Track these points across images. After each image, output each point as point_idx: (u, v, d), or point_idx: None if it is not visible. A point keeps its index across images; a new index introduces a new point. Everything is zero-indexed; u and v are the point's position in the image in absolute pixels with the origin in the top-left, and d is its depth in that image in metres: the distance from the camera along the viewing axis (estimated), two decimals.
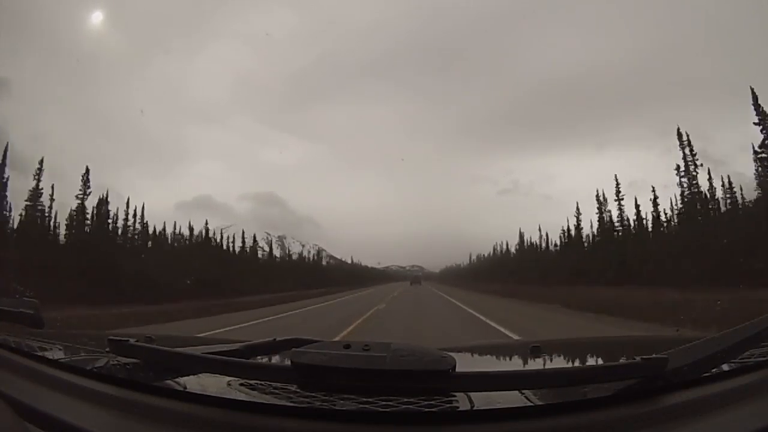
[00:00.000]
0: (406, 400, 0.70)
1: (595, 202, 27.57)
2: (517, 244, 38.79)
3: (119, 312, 11.39)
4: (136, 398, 0.78)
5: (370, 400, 0.70)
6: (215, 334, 7.55)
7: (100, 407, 0.77)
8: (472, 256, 59.77)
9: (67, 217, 21.85)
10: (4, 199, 19.71)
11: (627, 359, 0.85)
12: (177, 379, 0.83)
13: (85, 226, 22.41)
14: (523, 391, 0.74)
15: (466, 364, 0.85)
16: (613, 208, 26.09)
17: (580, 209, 28.82)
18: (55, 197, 21.65)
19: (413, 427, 0.69)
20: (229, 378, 0.82)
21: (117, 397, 0.78)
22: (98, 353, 0.98)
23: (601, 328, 8.50)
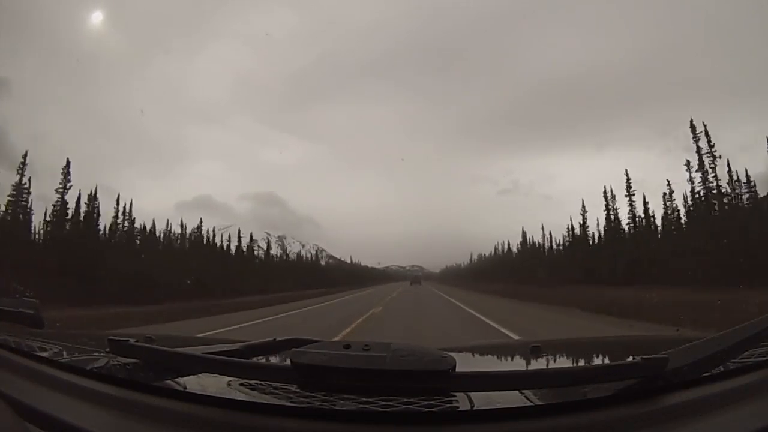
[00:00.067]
0: (406, 400, 0.70)
1: (596, 201, 27.36)
2: (520, 243, 38.33)
3: (85, 314, 10.73)
4: (136, 398, 0.78)
5: (370, 400, 0.70)
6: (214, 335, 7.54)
7: (100, 407, 0.77)
8: (473, 256, 59.65)
9: (50, 214, 21.27)
10: None
11: (627, 359, 0.85)
12: (177, 379, 0.84)
13: (66, 223, 21.65)
14: (523, 391, 0.74)
15: (466, 364, 0.85)
16: (622, 206, 25.47)
17: (584, 208, 28.25)
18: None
19: (413, 427, 0.69)
20: (229, 378, 0.82)
21: (117, 397, 0.78)
22: (98, 353, 0.98)
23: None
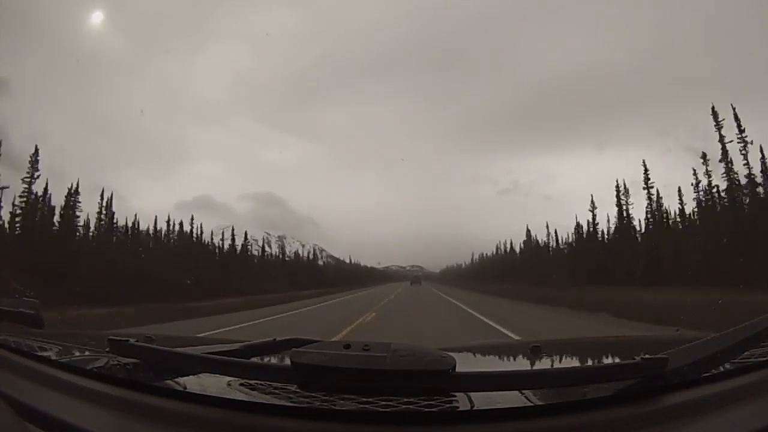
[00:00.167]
0: (406, 400, 0.70)
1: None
2: (523, 243, 37.06)
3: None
4: (136, 398, 0.78)
5: (370, 400, 0.70)
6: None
7: (100, 407, 0.77)
8: (474, 256, 59.25)
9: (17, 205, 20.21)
10: None
11: (627, 359, 0.85)
12: (177, 379, 0.84)
13: (36, 215, 20.65)
14: (523, 391, 0.74)
15: (466, 364, 0.85)
16: (637, 201, 24.21)
17: (593, 204, 26.89)
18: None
19: (413, 427, 0.69)
20: (229, 378, 0.82)
21: (117, 397, 0.78)
22: (98, 353, 0.98)
23: None
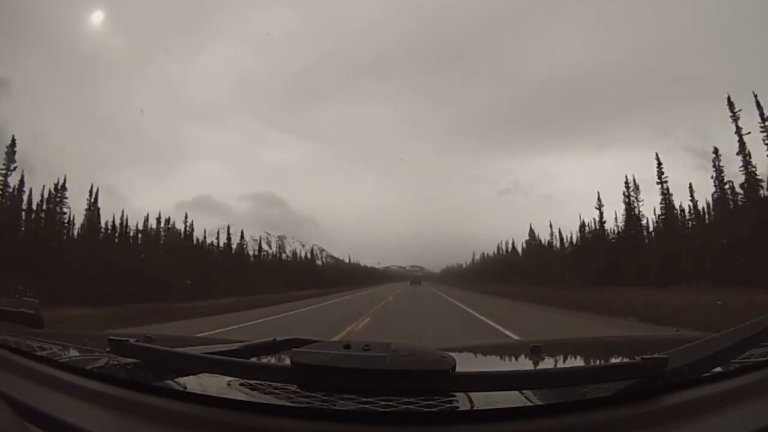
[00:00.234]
0: (406, 400, 0.70)
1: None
2: (525, 242, 36.00)
3: None
4: (136, 398, 0.78)
5: (370, 400, 0.70)
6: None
7: (100, 407, 0.77)
8: (475, 256, 58.95)
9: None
10: None
11: (627, 359, 0.85)
12: (177, 379, 0.83)
13: (10, 209, 19.95)
14: (523, 391, 0.74)
15: (466, 364, 0.85)
16: (648, 198, 23.49)
17: (600, 202, 25.96)
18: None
19: (413, 427, 0.69)
20: (229, 378, 0.82)
21: (117, 397, 0.78)
22: (98, 353, 0.98)
23: None
